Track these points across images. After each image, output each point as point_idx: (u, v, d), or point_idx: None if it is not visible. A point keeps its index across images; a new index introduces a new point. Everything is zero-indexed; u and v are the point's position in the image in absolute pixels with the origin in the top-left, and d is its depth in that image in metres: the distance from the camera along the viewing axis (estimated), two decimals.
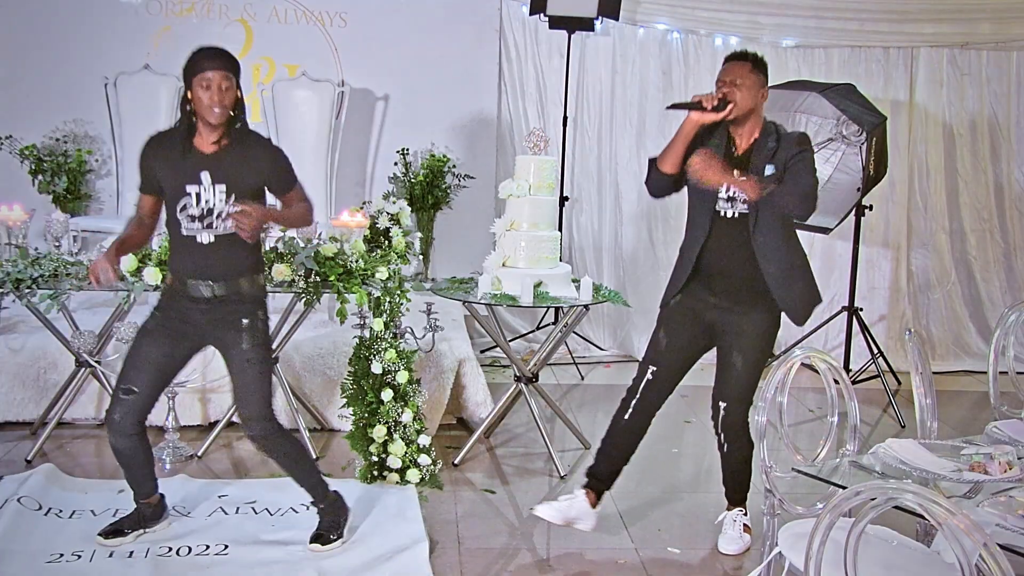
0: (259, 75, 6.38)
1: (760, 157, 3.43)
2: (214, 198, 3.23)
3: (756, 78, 3.43)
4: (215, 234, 3.26)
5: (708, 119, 3.40)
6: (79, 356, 4.46)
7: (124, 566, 3.38)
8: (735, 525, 3.75)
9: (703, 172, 3.29)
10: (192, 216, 3.24)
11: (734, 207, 3.46)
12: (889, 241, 6.74)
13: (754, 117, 3.47)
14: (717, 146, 3.48)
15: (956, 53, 6.68)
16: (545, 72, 6.63)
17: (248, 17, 6.36)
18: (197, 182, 3.22)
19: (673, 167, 3.48)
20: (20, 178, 6.10)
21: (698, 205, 3.54)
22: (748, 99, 3.41)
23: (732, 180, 3.34)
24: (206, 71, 3.17)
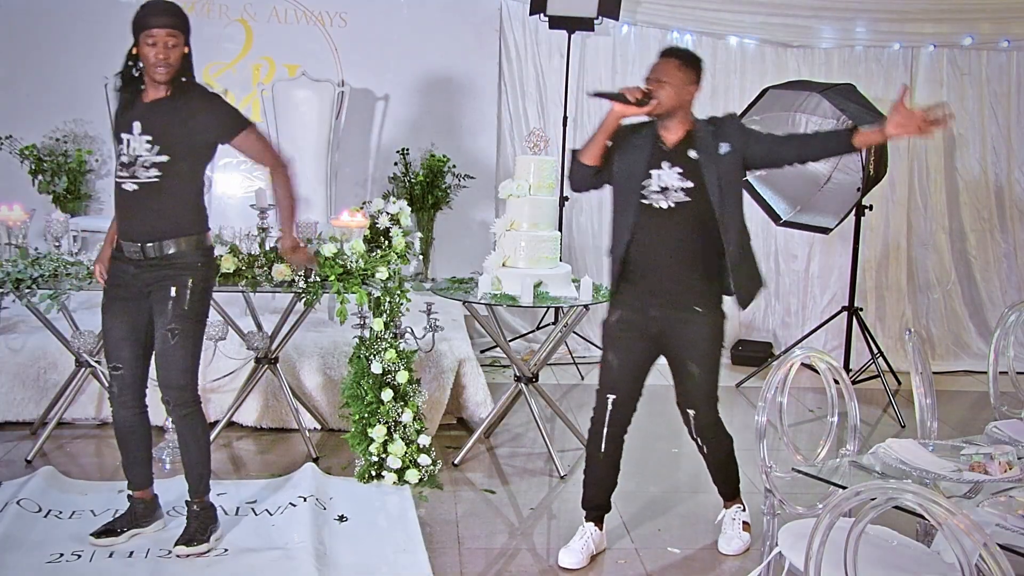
0: (259, 75, 6.39)
1: (705, 140, 3.40)
2: (140, 147, 3.23)
3: (684, 75, 3.40)
4: (138, 182, 3.24)
5: (630, 112, 3.37)
6: (79, 356, 4.46)
7: (124, 566, 3.38)
8: (734, 524, 3.74)
9: (903, 128, 3.17)
10: (122, 164, 3.26)
11: (668, 197, 3.39)
12: (889, 241, 6.74)
13: (681, 114, 3.43)
14: (643, 141, 3.45)
15: (956, 53, 6.68)
16: (545, 72, 6.63)
17: (248, 17, 6.36)
18: (129, 131, 3.25)
19: (594, 159, 3.46)
20: (20, 178, 6.10)
21: (624, 199, 3.47)
22: (673, 97, 3.37)
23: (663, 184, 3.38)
24: (152, 28, 3.18)
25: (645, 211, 3.42)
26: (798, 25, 6.59)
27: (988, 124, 6.76)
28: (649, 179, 3.41)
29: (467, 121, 6.62)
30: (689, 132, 3.44)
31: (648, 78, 3.42)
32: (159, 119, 3.25)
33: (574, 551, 3.58)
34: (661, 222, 3.40)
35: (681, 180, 3.38)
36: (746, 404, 5.73)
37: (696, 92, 3.45)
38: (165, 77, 3.21)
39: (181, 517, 3.70)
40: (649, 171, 3.42)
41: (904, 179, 6.70)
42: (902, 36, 6.61)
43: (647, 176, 3.42)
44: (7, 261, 4.20)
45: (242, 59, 6.40)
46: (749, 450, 4.78)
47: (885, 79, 6.66)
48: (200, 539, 3.48)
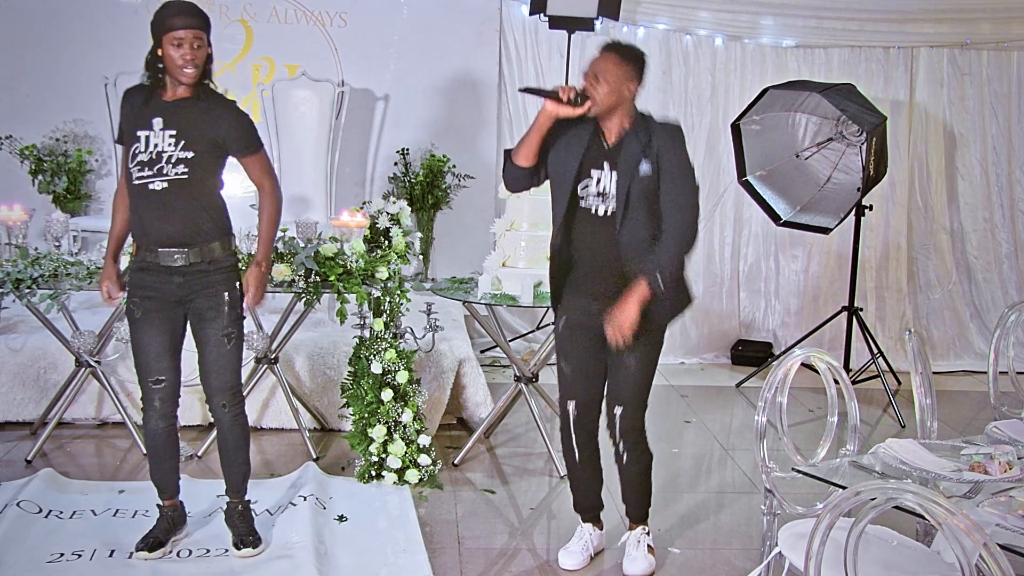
0: (259, 75, 6.39)
1: (631, 151, 3.22)
2: (163, 143, 3.17)
3: (623, 71, 3.21)
4: (167, 179, 3.17)
5: (563, 112, 3.20)
6: (79, 356, 4.46)
7: (124, 566, 3.38)
8: (639, 545, 3.55)
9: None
10: (142, 163, 3.18)
11: (606, 203, 3.24)
12: (889, 241, 6.74)
13: (621, 110, 3.25)
14: (580, 138, 3.28)
15: (956, 53, 6.68)
16: (545, 72, 6.62)
17: (248, 17, 6.36)
18: (148, 128, 3.18)
19: (527, 160, 3.30)
20: (20, 178, 6.11)
21: (560, 197, 3.31)
22: (611, 95, 3.20)
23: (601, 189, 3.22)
24: (178, 29, 3.12)
25: (582, 215, 3.28)
26: (798, 25, 6.58)
27: (988, 124, 6.75)
28: (589, 179, 3.27)
29: (467, 121, 6.61)
30: (625, 132, 3.26)
31: (586, 74, 3.25)
32: (183, 115, 3.19)
33: (574, 552, 3.58)
34: (601, 228, 3.26)
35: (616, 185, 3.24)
36: (746, 404, 5.73)
37: (638, 88, 3.25)
38: (192, 78, 3.17)
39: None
40: (589, 170, 3.27)
41: (904, 179, 6.70)
42: (902, 36, 6.61)
43: (587, 175, 3.27)
44: (7, 261, 4.21)
45: (242, 59, 6.40)
46: (749, 450, 4.80)
47: (885, 79, 6.66)
48: (256, 538, 3.50)
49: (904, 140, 6.69)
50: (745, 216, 6.68)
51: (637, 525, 3.59)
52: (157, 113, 3.19)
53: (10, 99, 6.21)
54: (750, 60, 6.66)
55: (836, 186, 5.94)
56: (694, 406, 5.51)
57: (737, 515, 4.10)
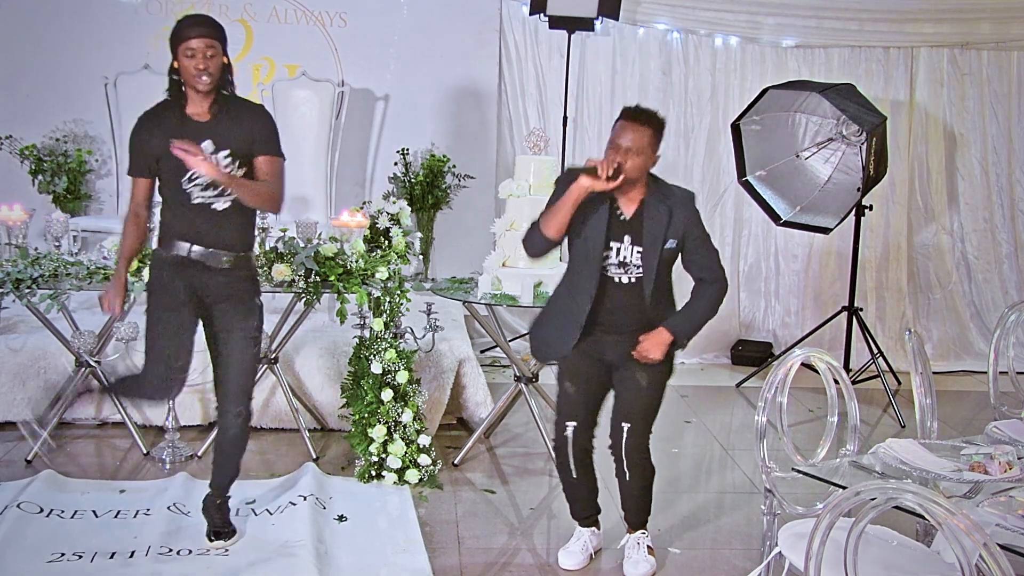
0: (259, 75, 6.39)
1: (655, 227, 3.26)
2: (221, 164, 3.22)
3: (654, 144, 3.22)
4: (231, 199, 3.25)
5: (600, 187, 3.17)
6: (79, 356, 4.46)
7: (125, 566, 3.38)
8: (639, 548, 3.56)
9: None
10: (203, 184, 3.22)
11: (628, 272, 3.30)
12: (889, 241, 6.74)
13: (641, 182, 3.28)
14: (599, 208, 3.28)
15: (956, 53, 6.67)
16: (545, 72, 6.63)
17: (248, 17, 6.36)
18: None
19: (558, 233, 3.30)
20: (20, 178, 6.10)
21: (584, 269, 3.34)
22: (641, 167, 3.21)
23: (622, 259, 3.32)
24: (190, 39, 3.16)
25: (607, 283, 3.33)
26: (798, 25, 6.58)
27: (989, 124, 6.75)
28: (609, 251, 3.30)
29: (467, 121, 6.61)
30: (642, 202, 3.29)
31: (616, 143, 3.20)
32: (229, 134, 3.24)
33: (573, 553, 3.59)
34: (623, 294, 3.33)
35: (640, 257, 3.30)
36: (746, 404, 5.73)
37: (658, 158, 3.29)
38: (208, 87, 3.19)
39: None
40: (609, 243, 3.30)
41: (904, 179, 6.70)
42: (902, 36, 6.61)
43: (607, 248, 3.30)
44: (7, 261, 4.20)
45: (242, 59, 6.38)
46: (749, 450, 4.80)
47: (885, 79, 6.66)
48: (231, 530, 3.57)
49: (904, 140, 6.69)
50: (745, 216, 6.68)
51: (635, 530, 3.61)
52: (204, 135, 3.22)
53: (10, 99, 6.20)
54: (750, 60, 6.66)
55: (836, 186, 5.94)
56: (694, 406, 5.51)
57: (737, 515, 4.10)
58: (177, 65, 3.20)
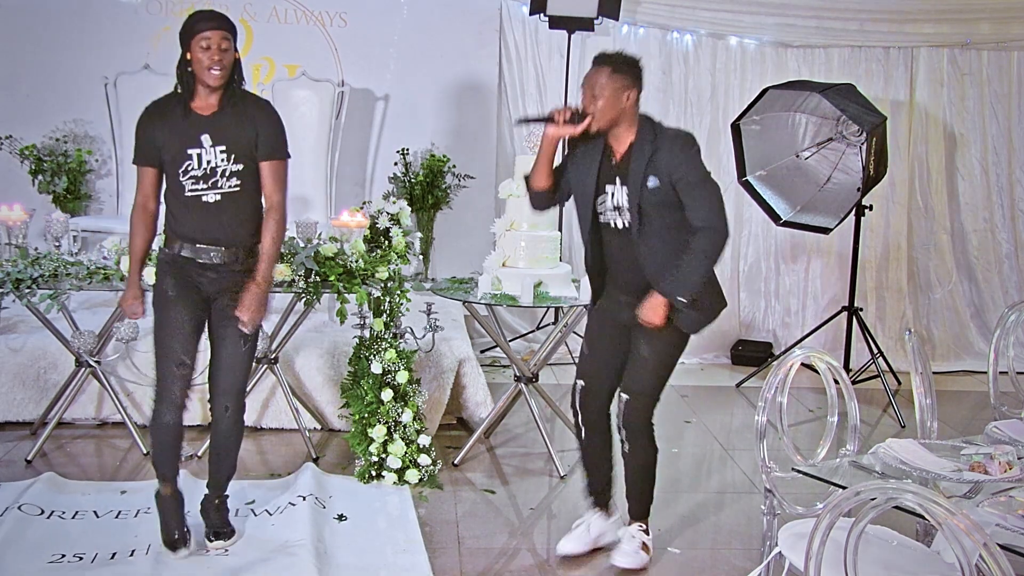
0: (259, 75, 6.38)
1: (639, 164, 3.25)
2: (215, 159, 3.23)
3: (618, 82, 3.23)
4: (220, 192, 3.25)
5: (565, 132, 3.30)
6: (79, 356, 4.46)
7: (125, 566, 3.38)
8: (632, 541, 3.53)
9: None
10: (196, 177, 3.23)
11: (621, 216, 3.33)
12: (889, 241, 6.74)
13: (626, 121, 3.29)
14: (593, 154, 3.35)
15: (956, 53, 6.67)
16: (545, 72, 6.63)
17: (248, 17, 6.35)
18: (198, 145, 3.22)
19: (542, 183, 3.44)
20: (20, 178, 6.10)
21: (583, 214, 3.42)
22: (608, 108, 3.24)
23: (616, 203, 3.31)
24: (205, 31, 3.16)
25: (604, 229, 3.38)
26: (798, 25, 6.58)
27: (989, 124, 6.75)
28: (604, 194, 3.34)
29: (467, 121, 6.61)
30: (632, 145, 3.30)
31: (582, 88, 3.30)
32: (228, 129, 3.24)
33: (572, 536, 3.61)
34: (620, 239, 3.35)
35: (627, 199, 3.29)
36: (746, 404, 5.73)
37: (637, 95, 3.28)
38: (220, 81, 3.19)
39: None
40: (604, 186, 3.34)
41: (904, 179, 6.70)
42: (902, 36, 6.61)
43: (602, 191, 3.35)
44: (7, 261, 4.20)
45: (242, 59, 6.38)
46: (749, 450, 4.80)
47: (885, 79, 6.66)
48: (230, 530, 3.56)
49: (904, 140, 6.69)
50: (745, 216, 6.68)
51: (635, 521, 3.60)
52: (203, 129, 3.23)
53: (10, 99, 6.20)
54: (750, 60, 6.66)
55: (836, 186, 5.94)
56: (694, 406, 5.51)
57: (737, 515, 4.10)
58: (190, 57, 3.19)
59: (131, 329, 4.41)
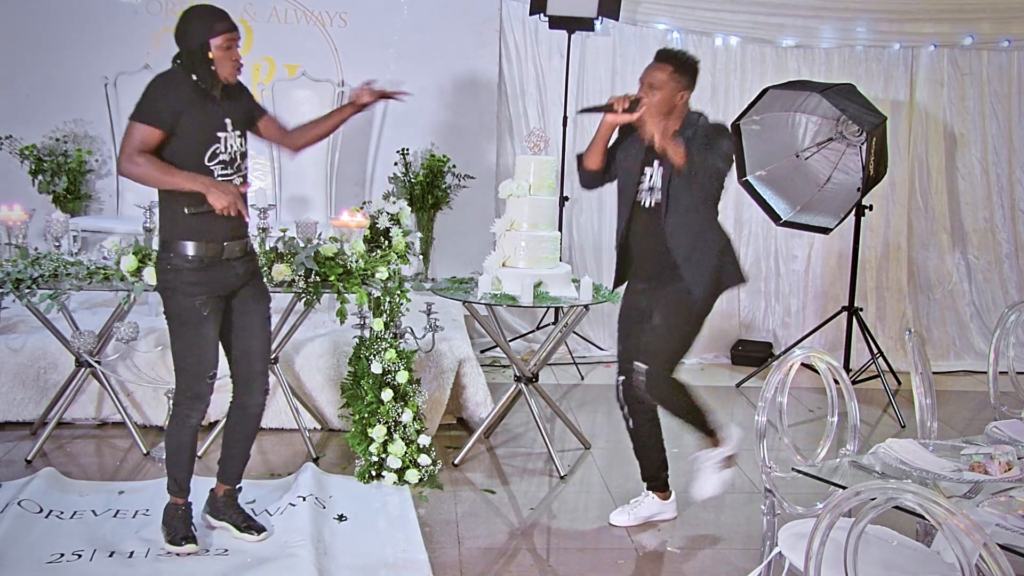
0: (259, 75, 6.38)
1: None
2: (236, 144, 3.30)
3: (676, 82, 3.55)
4: (243, 176, 3.33)
5: (621, 120, 3.56)
6: (79, 356, 4.46)
7: (124, 566, 3.38)
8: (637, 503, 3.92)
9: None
10: (224, 162, 3.26)
11: (652, 196, 3.60)
12: (889, 241, 6.74)
13: (675, 115, 3.58)
14: (639, 140, 3.59)
15: (956, 53, 6.67)
16: (545, 72, 6.63)
17: (248, 17, 6.35)
18: (224, 129, 3.26)
19: (595, 163, 3.71)
20: (20, 178, 6.10)
21: (623, 196, 3.70)
22: (663, 103, 3.53)
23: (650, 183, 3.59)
24: (227, 32, 3.21)
25: (636, 208, 3.66)
26: (798, 25, 6.58)
27: (989, 124, 6.75)
28: (643, 176, 3.63)
29: (467, 121, 6.61)
30: (675, 132, 3.54)
31: (641, 80, 3.60)
32: (239, 112, 3.34)
33: (622, 510, 3.90)
34: (646, 218, 3.62)
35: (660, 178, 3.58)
36: (746, 404, 5.73)
37: (689, 95, 3.61)
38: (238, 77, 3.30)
39: None
40: (644, 168, 3.63)
41: (904, 179, 6.70)
42: (902, 36, 6.61)
43: (642, 173, 3.64)
44: (7, 261, 4.20)
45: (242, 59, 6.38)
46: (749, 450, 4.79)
47: (885, 79, 6.65)
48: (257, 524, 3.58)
49: (904, 140, 6.68)
50: (745, 216, 6.68)
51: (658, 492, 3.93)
52: (225, 114, 3.28)
53: (10, 99, 6.20)
54: (750, 60, 6.66)
55: (836, 186, 5.93)
56: None
57: (737, 515, 4.10)
58: (211, 56, 3.18)
59: (131, 329, 4.41)
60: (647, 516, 3.91)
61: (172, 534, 3.47)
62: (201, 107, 3.21)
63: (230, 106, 3.31)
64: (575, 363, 6.22)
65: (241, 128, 3.34)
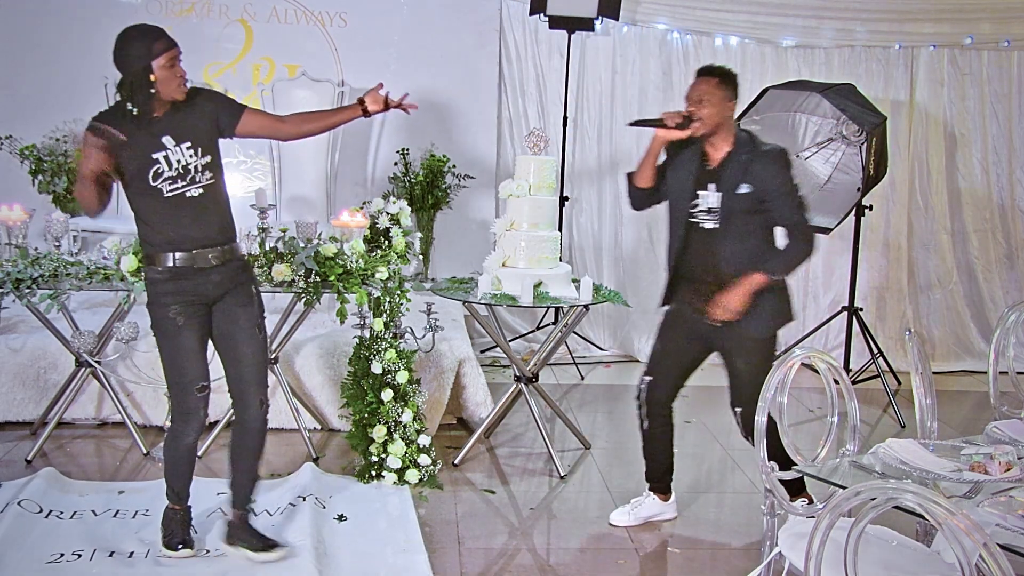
0: (259, 75, 6.39)
1: (733, 171, 3.51)
2: (184, 157, 3.20)
3: (723, 93, 3.53)
4: (201, 186, 3.23)
5: (672, 136, 3.54)
6: (79, 356, 4.46)
7: (124, 566, 3.38)
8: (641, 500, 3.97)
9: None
10: (170, 178, 3.19)
11: (711, 217, 3.56)
12: (889, 241, 6.74)
13: (724, 130, 3.55)
14: (691, 160, 3.59)
15: (956, 53, 6.67)
16: (545, 72, 6.63)
17: (248, 17, 6.36)
18: (160, 148, 3.17)
19: (646, 181, 3.67)
20: (20, 178, 6.10)
21: (676, 215, 3.65)
22: (714, 115, 3.51)
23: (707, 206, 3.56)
24: (168, 50, 3.16)
25: (692, 228, 3.60)
26: (798, 25, 6.58)
27: (989, 124, 6.75)
28: (697, 199, 3.57)
29: (467, 121, 6.61)
30: (728, 154, 3.54)
31: (688, 97, 3.56)
32: (185, 124, 3.22)
33: (622, 510, 3.91)
34: (706, 240, 3.57)
35: (719, 202, 3.54)
36: None
37: (735, 106, 3.60)
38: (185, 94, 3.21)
39: None
40: (696, 192, 3.57)
41: (905, 179, 6.70)
42: (902, 36, 6.61)
43: (695, 197, 3.58)
44: (7, 261, 4.20)
45: (242, 59, 6.39)
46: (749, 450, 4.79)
47: (885, 79, 6.65)
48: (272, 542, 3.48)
49: (904, 140, 6.68)
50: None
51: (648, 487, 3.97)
52: (161, 131, 3.19)
53: (10, 99, 6.20)
54: (750, 60, 6.65)
55: (836, 186, 5.93)
56: (694, 406, 5.51)
57: (737, 515, 4.10)
58: (154, 78, 3.12)
59: (131, 329, 4.41)
60: (647, 516, 3.92)
61: (169, 538, 3.47)
62: (134, 133, 3.14)
63: (174, 121, 3.20)
64: (575, 363, 6.22)
65: (195, 139, 3.21)
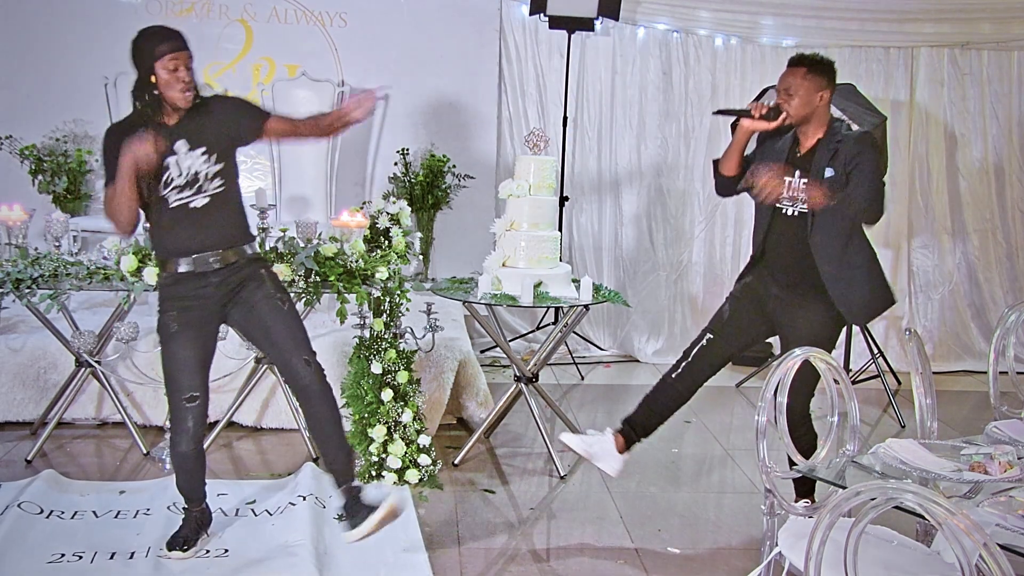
0: (259, 75, 6.38)
1: (822, 158, 3.50)
2: (196, 163, 3.18)
3: (812, 83, 3.49)
4: (208, 195, 3.21)
5: (759, 127, 3.55)
6: (79, 356, 4.46)
7: (124, 566, 3.38)
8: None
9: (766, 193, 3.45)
10: (178, 187, 3.18)
11: (795, 205, 3.53)
12: (889, 241, 6.74)
13: (816, 118, 3.53)
14: (782, 148, 3.60)
15: (956, 53, 6.67)
16: (545, 72, 6.63)
17: (248, 17, 6.36)
18: (171, 153, 3.16)
19: (731, 170, 3.68)
20: (20, 178, 6.10)
21: (764, 206, 3.65)
22: (802, 106, 3.49)
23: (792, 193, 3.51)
24: (171, 53, 3.11)
25: (777, 215, 3.58)
26: (798, 25, 6.58)
27: (989, 124, 6.75)
28: (785, 185, 3.55)
29: (467, 121, 6.61)
30: (819, 141, 3.52)
31: (777, 88, 3.55)
32: (202, 130, 3.19)
33: (579, 438, 3.77)
34: (789, 227, 3.55)
35: (805, 188, 3.50)
36: (746, 404, 5.73)
37: (830, 95, 3.53)
38: (191, 102, 3.16)
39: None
40: (784, 177, 3.53)
41: (905, 179, 6.70)
42: (902, 36, 6.61)
43: (782, 184, 3.54)
44: (7, 261, 4.20)
45: (242, 59, 6.39)
46: (749, 450, 4.80)
47: (885, 79, 6.65)
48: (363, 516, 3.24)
49: (904, 140, 6.68)
50: (745, 216, 6.68)
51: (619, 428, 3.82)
52: (176, 136, 3.17)
53: (10, 99, 6.20)
54: (750, 60, 6.66)
55: None
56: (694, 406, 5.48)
57: (737, 515, 4.10)
58: (155, 80, 3.11)
59: (131, 329, 4.41)
60: (594, 453, 3.73)
61: (174, 538, 3.47)
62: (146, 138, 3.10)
63: (191, 127, 3.18)
64: (575, 363, 6.22)
65: (210, 145, 3.19)
